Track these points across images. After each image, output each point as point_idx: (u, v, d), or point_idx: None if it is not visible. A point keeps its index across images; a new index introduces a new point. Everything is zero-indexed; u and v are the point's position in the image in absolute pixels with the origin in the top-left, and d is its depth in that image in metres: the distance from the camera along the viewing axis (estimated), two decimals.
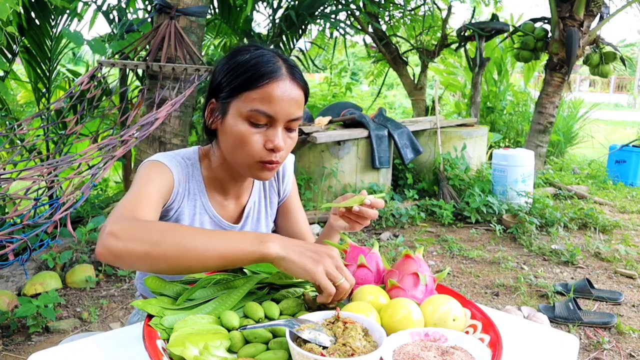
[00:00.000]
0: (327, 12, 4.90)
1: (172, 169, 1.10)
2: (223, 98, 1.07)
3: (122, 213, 0.94)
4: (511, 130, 7.43)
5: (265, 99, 1.02)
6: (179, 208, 1.13)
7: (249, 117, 1.03)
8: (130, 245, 0.85)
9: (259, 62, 1.03)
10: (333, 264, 0.86)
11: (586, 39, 5.41)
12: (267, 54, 1.05)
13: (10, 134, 2.96)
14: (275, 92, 1.02)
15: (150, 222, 0.92)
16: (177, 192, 1.11)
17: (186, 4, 3.28)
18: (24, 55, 3.92)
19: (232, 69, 1.05)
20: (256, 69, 1.03)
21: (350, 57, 11.86)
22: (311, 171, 4.53)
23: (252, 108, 1.02)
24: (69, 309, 2.75)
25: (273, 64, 1.03)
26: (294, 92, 1.04)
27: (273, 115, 1.02)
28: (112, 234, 0.87)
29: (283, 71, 1.04)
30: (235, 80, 1.04)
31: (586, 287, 3.01)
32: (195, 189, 1.16)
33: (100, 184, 4.43)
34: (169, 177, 1.09)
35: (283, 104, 1.02)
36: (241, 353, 0.80)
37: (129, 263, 0.88)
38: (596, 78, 14.32)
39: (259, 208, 1.28)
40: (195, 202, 1.16)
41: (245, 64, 1.04)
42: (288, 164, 1.32)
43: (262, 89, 1.02)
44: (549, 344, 0.94)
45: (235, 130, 1.04)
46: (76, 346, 0.89)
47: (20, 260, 1.92)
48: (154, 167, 1.09)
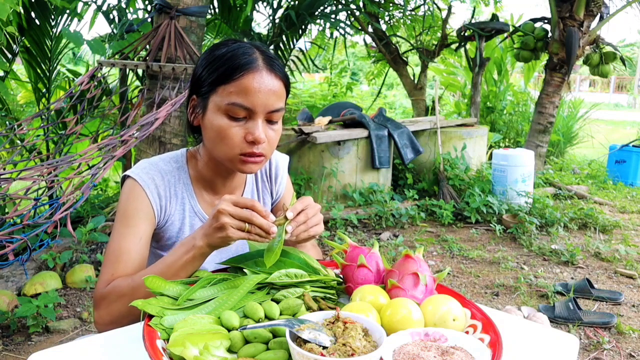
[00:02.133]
0: (327, 12, 4.90)
1: (146, 190, 1.09)
2: (203, 93, 1.07)
3: (105, 279, 1.05)
4: (511, 130, 7.43)
5: (241, 92, 1.01)
6: (166, 214, 1.14)
7: (227, 111, 1.03)
8: (117, 319, 1.01)
9: (234, 55, 1.03)
10: (227, 216, 0.93)
11: (586, 39, 5.41)
12: (244, 47, 1.05)
13: (10, 134, 2.97)
14: (251, 84, 1.01)
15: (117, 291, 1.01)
16: (159, 207, 1.12)
17: (186, 4, 3.28)
18: (24, 55, 3.92)
19: (209, 63, 1.05)
20: (232, 61, 1.02)
21: (350, 57, 11.86)
22: (311, 171, 4.53)
23: (229, 101, 1.02)
24: (69, 309, 2.75)
25: (249, 55, 1.03)
26: (271, 83, 1.03)
27: (251, 107, 1.02)
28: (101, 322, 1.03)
29: (259, 62, 1.03)
30: (212, 75, 1.04)
31: (586, 287, 3.01)
32: (183, 193, 1.15)
33: (100, 184, 4.43)
34: (145, 205, 1.09)
35: (260, 95, 1.01)
36: (241, 353, 0.80)
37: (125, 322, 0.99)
38: (596, 78, 14.32)
39: None
40: (184, 206, 1.15)
41: (222, 58, 1.03)
42: (281, 165, 1.30)
43: (238, 82, 1.01)
44: (549, 344, 0.94)
45: (215, 124, 1.04)
46: (76, 346, 0.88)
47: (20, 260, 1.92)
48: (131, 199, 1.09)
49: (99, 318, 1.03)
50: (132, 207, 1.08)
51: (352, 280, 1.02)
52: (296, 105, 8.11)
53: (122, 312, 0.99)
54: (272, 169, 1.29)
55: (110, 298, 1.01)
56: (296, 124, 4.76)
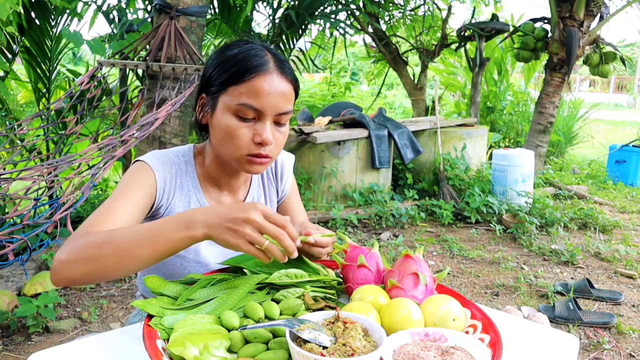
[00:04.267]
0: (327, 12, 4.90)
1: (154, 169, 1.09)
2: (212, 92, 1.07)
3: (79, 231, 0.97)
4: (511, 130, 7.43)
5: (252, 93, 1.02)
6: (168, 206, 1.13)
7: (236, 111, 1.03)
8: (75, 268, 0.90)
9: (246, 56, 1.04)
10: (253, 228, 0.83)
11: (586, 39, 5.41)
12: (256, 48, 1.06)
13: (10, 134, 2.97)
14: (262, 86, 1.02)
15: (89, 238, 0.92)
16: (163, 190, 1.11)
17: (186, 4, 3.28)
18: (24, 55, 3.92)
19: (220, 63, 1.06)
20: (243, 62, 1.03)
21: (350, 57, 11.86)
22: (311, 171, 4.53)
23: (239, 102, 1.02)
24: (69, 309, 2.75)
25: (261, 57, 1.04)
26: (281, 85, 1.04)
27: (260, 108, 1.02)
28: (58, 261, 0.91)
29: (271, 65, 1.04)
30: (223, 75, 1.04)
31: (586, 287, 3.01)
32: (189, 185, 1.15)
33: (100, 184, 4.43)
34: (150, 179, 1.08)
35: (270, 97, 1.02)
36: (241, 353, 0.80)
37: (81, 282, 0.92)
38: (596, 78, 14.32)
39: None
40: (190, 199, 1.15)
41: (234, 58, 1.04)
42: (287, 164, 1.32)
43: (249, 83, 1.02)
44: (549, 344, 0.94)
45: (224, 124, 1.04)
46: (76, 346, 0.89)
47: (20, 260, 1.92)
48: (136, 171, 1.09)
49: (57, 255, 0.92)
50: (135, 178, 1.08)
51: (352, 280, 1.02)
52: (296, 105, 8.07)
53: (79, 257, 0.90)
54: (278, 167, 1.30)
55: (78, 241, 0.92)
56: (296, 124, 4.76)
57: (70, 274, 0.90)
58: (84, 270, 0.90)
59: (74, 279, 0.91)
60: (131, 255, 0.88)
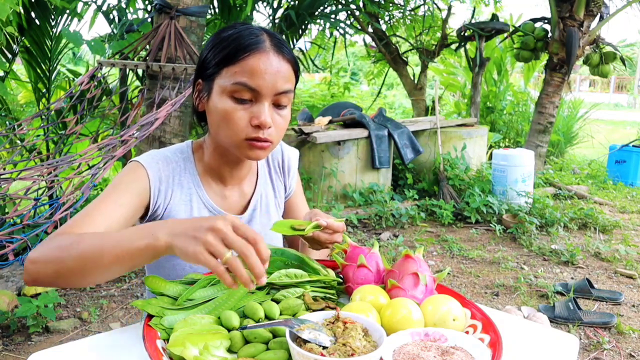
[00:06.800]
0: (327, 12, 4.91)
1: (147, 168, 1.06)
2: (208, 76, 1.04)
3: (57, 231, 0.93)
4: (511, 130, 7.43)
5: (247, 72, 0.98)
6: (167, 205, 1.09)
7: (232, 92, 0.99)
8: (43, 269, 0.86)
9: (240, 36, 1.00)
10: (216, 237, 0.73)
11: (586, 39, 5.41)
12: (252, 28, 1.02)
13: (10, 134, 2.97)
14: (257, 65, 0.97)
15: (61, 239, 0.88)
16: (159, 190, 1.07)
17: (186, 4, 3.28)
18: (24, 55, 3.92)
19: (215, 45, 1.03)
20: (238, 42, 0.99)
21: (350, 57, 11.86)
22: (311, 171, 4.53)
23: (234, 81, 0.98)
24: (69, 309, 2.75)
25: (256, 36, 1.00)
26: (279, 65, 0.99)
27: (256, 88, 0.98)
28: (29, 260, 0.87)
29: (267, 44, 1.00)
30: (217, 56, 1.01)
31: (586, 287, 3.01)
32: (189, 183, 1.12)
33: (100, 184, 4.43)
34: (142, 179, 1.05)
35: (267, 76, 0.98)
36: (241, 353, 0.80)
37: (48, 284, 0.88)
38: (596, 78, 14.32)
39: (267, 200, 1.22)
40: (191, 197, 1.12)
41: (228, 39, 1.01)
42: (293, 159, 1.28)
43: (243, 62, 0.98)
44: (549, 344, 0.94)
45: (220, 107, 1.00)
46: (76, 346, 0.88)
47: (20, 260, 1.92)
48: (127, 172, 1.06)
49: (30, 253, 0.89)
50: (124, 179, 1.05)
51: (352, 280, 1.02)
52: (296, 105, 8.10)
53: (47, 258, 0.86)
54: (285, 161, 1.27)
55: (52, 241, 0.89)
56: (296, 124, 4.76)
57: (39, 275, 0.87)
58: (50, 272, 0.86)
59: (41, 280, 0.87)
60: (94, 261, 0.82)
